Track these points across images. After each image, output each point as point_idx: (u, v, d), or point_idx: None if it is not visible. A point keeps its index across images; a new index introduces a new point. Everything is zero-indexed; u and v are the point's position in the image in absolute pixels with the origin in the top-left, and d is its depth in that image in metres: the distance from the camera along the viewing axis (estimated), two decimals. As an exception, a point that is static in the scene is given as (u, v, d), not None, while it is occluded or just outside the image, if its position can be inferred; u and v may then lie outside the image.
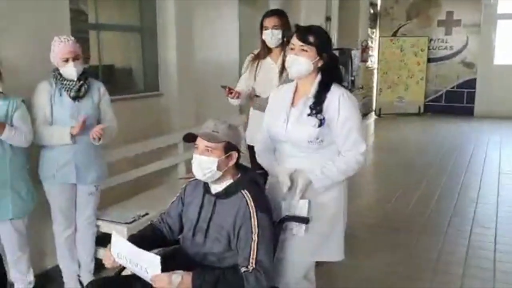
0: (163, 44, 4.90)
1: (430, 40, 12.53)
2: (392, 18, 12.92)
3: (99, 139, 3.18)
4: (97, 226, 3.59)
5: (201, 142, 2.25)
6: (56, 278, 3.58)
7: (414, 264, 4.04)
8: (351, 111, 2.44)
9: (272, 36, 3.59)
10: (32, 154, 3.20)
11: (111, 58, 4.85)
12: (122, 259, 2.15)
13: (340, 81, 2.54)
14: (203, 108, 5.18)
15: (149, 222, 2.62)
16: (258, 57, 3.75)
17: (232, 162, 2.27)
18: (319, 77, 2.47)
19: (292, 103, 2.51)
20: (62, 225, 3.38)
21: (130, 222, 3.56)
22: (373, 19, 12.81)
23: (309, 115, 2.43)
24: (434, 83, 12.74)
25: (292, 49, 2.44)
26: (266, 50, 3.70)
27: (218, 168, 2.24)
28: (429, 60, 12.57)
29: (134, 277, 2.26)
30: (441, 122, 11.56)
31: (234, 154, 2.27)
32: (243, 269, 2.10)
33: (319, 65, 2.44)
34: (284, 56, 3.54)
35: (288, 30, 3.54)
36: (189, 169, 4.84)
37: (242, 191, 2.26)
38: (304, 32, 2.42)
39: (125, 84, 4.93)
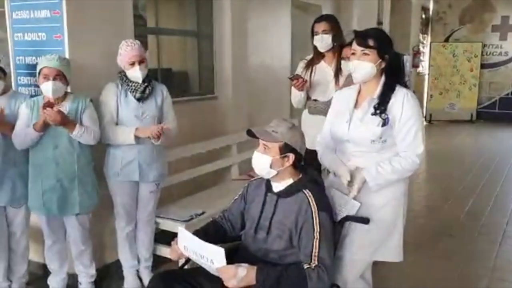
0: (219, 48, 5.01)
1: (483, 46, 12.23)
2: (444, 23, 12.69)
3: (158, 138, 3.27)
4: (156, 223, 3.71)
5: (261, 140, 2.34)
6: (116, 272, 3.72)
7: (468, 271, 3.99)
8: (414, 111, 2.46)
9: (322, 41, 3.62)
10: (96, 152, 3.34)
11: (169, 62, 4.99)
12: (188, 252, 2.25)
13: (403, 82, 2.56)
14: (256, 111, 5.26)
15: (210, 219, 2.70)
16: (312, 63, 3.77)
17: (288, 163, 2.32)
18: (383, 78, 2.50)
19: (355, 105, 2.55)
20: (124, 221, 3.51)
21: (188, 220, 3.66)
22: (425, 24, 12.62)
23: (373, 114, 2.46)
24: (488, 89, 12.41)
25: (353, 54, 2.48)
26: (319, 55, 3.73)
27: (272, 167, 2.30)
28: (483, 66, 12.26)
29: (197, 270, 2.36)
30: (495, 130, 11.26)
31: (291, 156, 2.31)
32: (305, 266, 2.15)
33: (382, 66, 2.48)
34: (338, 61, 3.61)
35: (339, 34, 3.63)
36: (242, 171, 4.94)
37: (304, 190, 2.31)
38: (363, 37, 2.46)
39: (182, 87, 5.05)
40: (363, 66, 2.45)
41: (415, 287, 3.73)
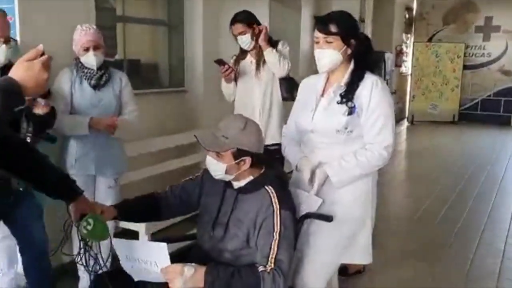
0: (189, 39, 4.86)
1: (466, 47, 12.18)
2: (427, 23, 12.64)
3: (112, 130, 3.12)
4: (116, 222, 3.50)
5: None
6: (72, 272, 3.51)
7: (444, 277, 3.83)
8: (382, 99, 2.29)
9: (243, 42, 3.67)
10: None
11: (137, 52, 4.81)
12: (132, 261, 2.05)
13: (372, 68, 2.40)
14: (228, 106, 5.08)
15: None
16: (238, 58, 3.82)
17: (245, 167, 2.11)
18: (352, 65, 2.33)
19: (323, 94, 2.39)
20: (79, 218, 3.31)
21: (149, 218, 3.46)
22: (408, 24, 12.55)
23: (339, 103, 2.29)
24: (470, 90, 12.37)
25: (316, 42, 2.31)
26: (244, 52, 3.78)
27: (228, 172, 2.11)
28: (465, 67, 12.21)
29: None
30: (476, 132, 11.21)
31: (247, 159, 2.10)
32: (260, 268, 1.96)
33: (349, 52, 2.30)
34: (259, 55, 3.66)
35: (254, 28, 3.67)
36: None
37: (266, 186, 2.12)
38: (324, 23, 2.27)
39: (150, 79, 4.90)
40: (327, 54, 2.27)
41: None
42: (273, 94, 3.76)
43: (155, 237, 3.56)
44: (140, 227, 3.46)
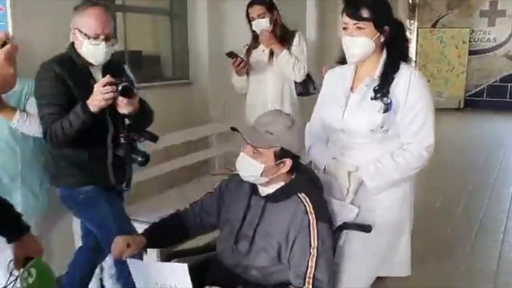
0: (193, 28, 4.60)
1: (471, 32, 11.90)
2: (431, 8, 12.35)
3: None
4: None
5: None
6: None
7: (470, 276, 3.63)
8: (422, 92, 2.07)
9: (259, 26, 3.48)
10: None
11: (139, 44, 4.55)
12: (149, 286, 1.81)
13: (407, 58, 2.14)
14: (238, 97, 4.85)
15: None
16: (250, 48, 3.66)
17: (284, 170, 1.87)
18: (384, 55, 2.08)
19: (352, 88, 2.12)
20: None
21: (157, 222, 3.22)
22: (412, 10, 12.28)
23: (373, 98, 2.04)
24: (475, 76, 12.11)
25: (345, 28, 2.05)
26: (257, 39, 3.58)
27: (264, 174, 1.85)
28: (470, 53, 11.95)
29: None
30: (483, 118, 10.94)
31: (288, 161, 1.85)
32: (296, 290, 1.72)
33: (381, 40, 2.05)
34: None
35: (277, 16, 3.51)
36: (221, 164, 4.49)
37: (298, 194, 1.86)
38: (355, 7, 2.01)
39: (153, 71, 4.64)
40: (358, 43, 2.02)
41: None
42: (285, 86, 3.58)
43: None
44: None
